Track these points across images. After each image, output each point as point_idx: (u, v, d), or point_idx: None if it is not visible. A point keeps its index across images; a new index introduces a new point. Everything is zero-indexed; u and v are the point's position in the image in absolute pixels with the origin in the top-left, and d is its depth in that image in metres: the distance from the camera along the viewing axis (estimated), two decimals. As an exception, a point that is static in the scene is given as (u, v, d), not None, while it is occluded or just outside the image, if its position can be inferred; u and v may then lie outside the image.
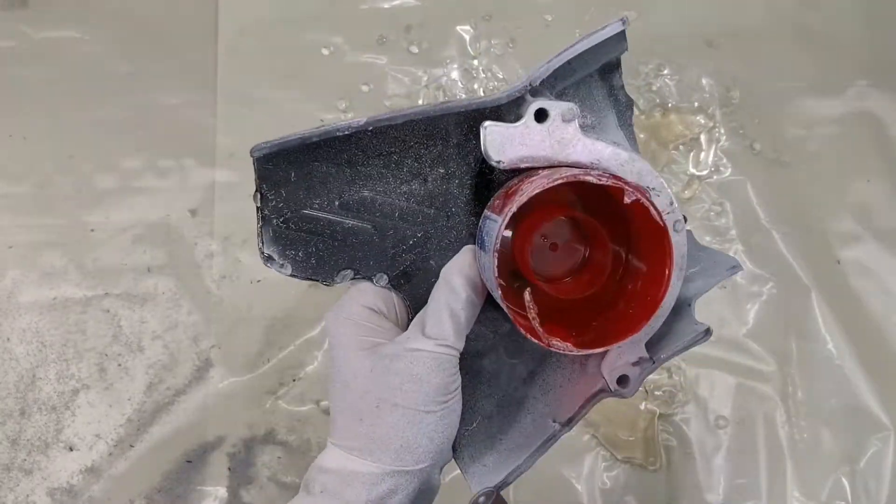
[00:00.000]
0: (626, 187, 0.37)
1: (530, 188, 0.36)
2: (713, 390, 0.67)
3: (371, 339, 0.41)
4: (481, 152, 0.39)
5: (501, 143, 0.38)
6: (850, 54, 0.72)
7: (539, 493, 0.66)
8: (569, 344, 0.38)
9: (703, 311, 0.67)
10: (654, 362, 0.43)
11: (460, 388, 0.41)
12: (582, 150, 0.39)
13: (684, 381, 0.67)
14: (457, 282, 0.40)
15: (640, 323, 0.39)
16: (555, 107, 0.38)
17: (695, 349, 0.67)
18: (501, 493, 0.44)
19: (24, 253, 0.70)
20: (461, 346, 0.40)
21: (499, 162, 0.38)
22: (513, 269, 0.42)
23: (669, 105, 0.71)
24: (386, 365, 0.39)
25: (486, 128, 0.38)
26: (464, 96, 0.73)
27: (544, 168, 0.39)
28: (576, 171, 0.37)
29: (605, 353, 0.42)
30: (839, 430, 0.66)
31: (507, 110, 0.40)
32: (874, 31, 0.73)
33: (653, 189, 0.39)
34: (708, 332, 0.44)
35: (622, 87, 0.43)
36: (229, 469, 0.66)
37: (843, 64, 0.72)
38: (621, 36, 0.41)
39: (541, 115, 0.39)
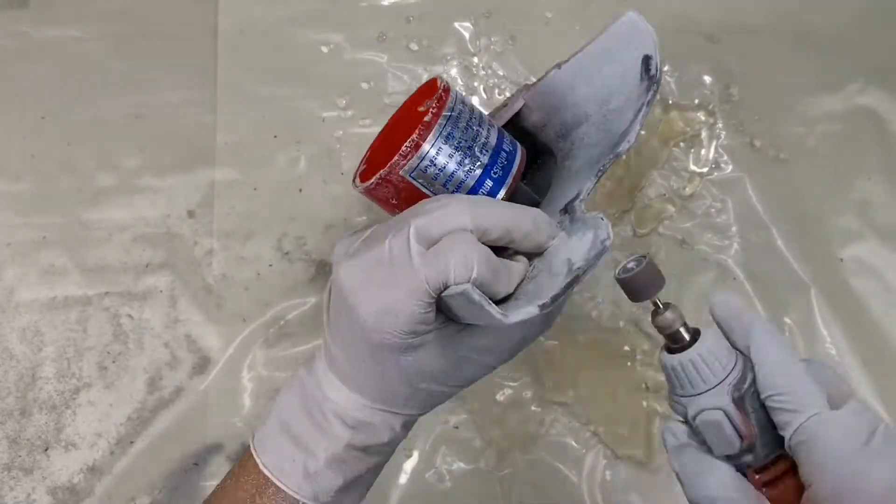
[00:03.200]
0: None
1: None
2: (714, 387, 0.67)
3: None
4: None
5: None
6: (850, 50, 0.72)
7: (539, 491, 0.66)
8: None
9: (700, 308, 0.68)
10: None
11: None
12: None
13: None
14: None
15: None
16: None
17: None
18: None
19: (24, 251, 0.70)
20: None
21: None
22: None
23: (670, 101, 0.72)
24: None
25: None
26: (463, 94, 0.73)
27: None
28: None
29: None
30: (840, 427, 0.66)
31: None
32: (875, 28, 0.73)
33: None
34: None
35: None
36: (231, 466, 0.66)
37: (843, 60, 0.72)
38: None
39: None
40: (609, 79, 0.50)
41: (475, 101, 0.72)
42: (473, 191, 0.46)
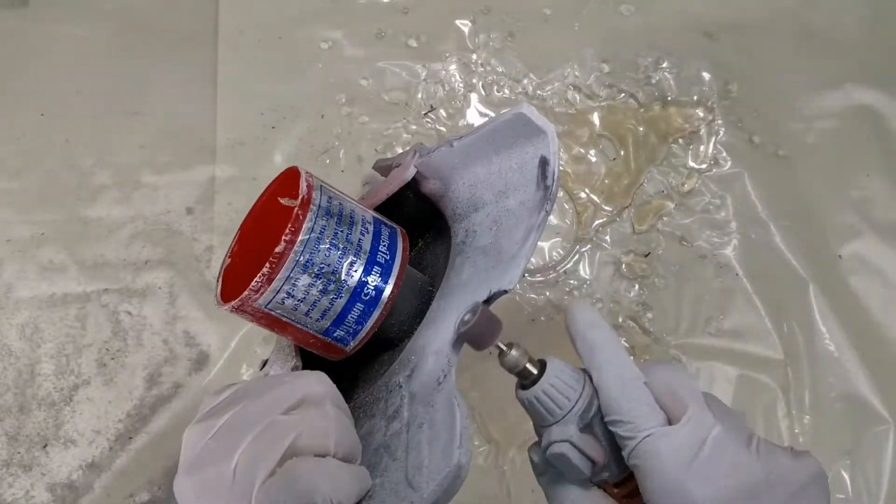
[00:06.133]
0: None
1: None
2: (713, 383, 0.67)
3: None
4: None
5: None
6: (849, 48, 0.72)
7: (537, 487, 0.66)
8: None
9: (699, 305, 0.68)
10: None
11: None
12: None
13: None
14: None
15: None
16: None
17: (695, 341, 0.68)
18: None
19: (23, 248, 0.70)
20: None
21: None
22: None
23: (669, 98, 0.72)
24: None
25: None
26: (462, 88, 0.73)
27: None
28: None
29: None
30: (839, 424, 0.66)
31: None
32: (874, 26, 0.73)
33: None
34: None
35: None
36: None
37: (842, 57, 0.72)
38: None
39: None
40: (507, 165, 0.47)
41: (473, 98, 0.72)
42: (341, 317, 0.43)
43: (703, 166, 0.71)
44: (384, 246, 0.44)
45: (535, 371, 0.42)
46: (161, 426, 0.66)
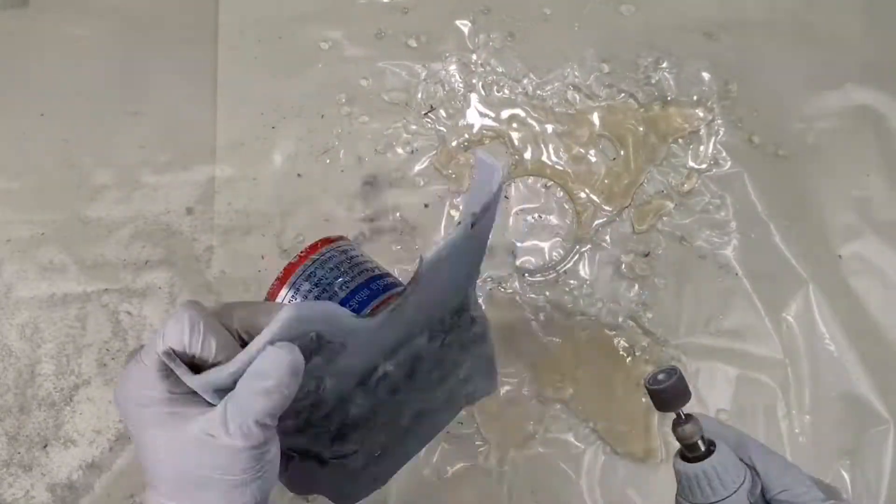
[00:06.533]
0: None
1: None
2: (713, 383, 0.67)
3: (169, 412, 0.35)
4: None
5: None
6: (849, 48, 0.72)
7: (538, 488, 0.66)
8: None
9: (701, 305, 0.68)
10: None
11: (275, 448, 0.37)
12: None
13: (685, 374, 0.67)
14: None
15: None
16: None
17: (695, 341, 0.68)
18: None
19: (23, 248, 0.70)
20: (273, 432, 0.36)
21: None
22: None
23: (668, 98, 0.72)
24: (197, 447, 0.35)
25: None
26: (462, 87, 0.73)
27: None
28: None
29: None
30: (839, 423, 0.66)
31: None
32: (875, 25, 0.73)
33: None
34: None
35: None
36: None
37: (842, 57, 0.72)
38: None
39: None
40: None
41: (473, 98, 0.72)
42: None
43: (703, 166, 0.71)
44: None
45: (703, 448, 0.44)
46: (161, 426, 0.66)
